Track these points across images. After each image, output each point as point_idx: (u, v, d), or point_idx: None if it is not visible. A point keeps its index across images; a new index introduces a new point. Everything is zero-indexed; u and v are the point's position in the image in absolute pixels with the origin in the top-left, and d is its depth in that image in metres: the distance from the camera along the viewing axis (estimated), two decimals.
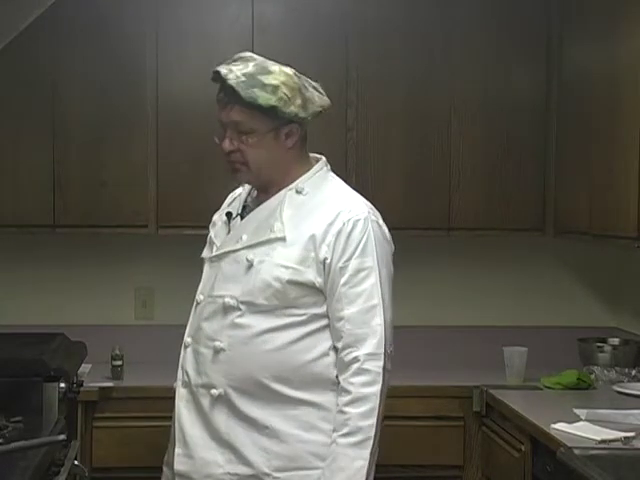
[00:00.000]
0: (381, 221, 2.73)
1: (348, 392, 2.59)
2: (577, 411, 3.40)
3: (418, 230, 4.33)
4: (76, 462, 3.06)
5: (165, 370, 4.10)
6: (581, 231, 4.11)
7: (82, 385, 3.66)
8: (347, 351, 2.61)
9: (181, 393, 2.74)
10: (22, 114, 4.22)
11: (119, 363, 4.15)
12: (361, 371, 2.59)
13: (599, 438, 3.06)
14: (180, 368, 2.77)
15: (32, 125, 4.22)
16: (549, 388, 4.01)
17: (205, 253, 2.84)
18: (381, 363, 2.60)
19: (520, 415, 3.56)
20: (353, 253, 2.62)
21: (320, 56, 4.24)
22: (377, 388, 2.59)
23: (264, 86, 2.59)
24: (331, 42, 4.27)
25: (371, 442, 2.58)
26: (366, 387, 2.58)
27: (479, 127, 4.33)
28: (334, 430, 2.60)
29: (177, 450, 2.72)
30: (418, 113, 4.31)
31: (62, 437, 2.70)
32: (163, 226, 4.28)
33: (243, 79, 2.60)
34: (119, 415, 4.00)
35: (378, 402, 2.59)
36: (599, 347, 4.30)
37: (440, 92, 4.31)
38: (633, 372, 4.08)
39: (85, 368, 3.95)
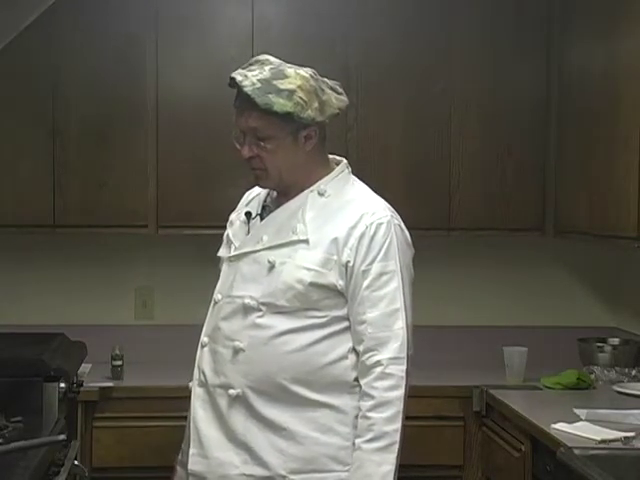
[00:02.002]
0: (403, 225, 2.74)
1: (371, 397, 2.58)
2: (577, 411, 3.40)
3: (418, 230, 4.30)
4: (76, 462, 3.06)
5: (165, 370, 4.13)
6: (581, 231, 4.11)
7: (82, 385, 3.66)
8: (369, 355, 2.60)
9: (197, 393, 2.72)
10: (22, 114, 4.22)
11: (119, 363, 4.15)
12: (384, 375, 2.58)
13: (599, 438, 3.05)
14: (196, 367, 2.75)
15: (32, 125, 4.22)
16: (549, 388, 4.01)
17: (222, 252, 2.82)
18: (404, 367, 2.60)
19: (520, 415, 3.55)
20: (376, 256, 2.62)
21: (320, 56, 4.22)
22: (401, 392, 2.59)
23: (280, 91, 2.58)
24: (331, 42, 4.27)
25: (397, 446, 2.58)
26: (390, 391, 2.58)
27: (479, 127, 4.33)
28: (357, 436, 2.60)
29: (192, 450, 2.70)
30: (418, 113, 4.31)
31: (62, 437, 2.70)
32: (163, 226, 4.28)
33: (258, 85, 2.58)
34: (119, 415, 4.00)
35: (402, 406, 2.59)
36: (599, 347, 4.30)
37: (440, 92, 4.30)
38: (633, 372, 4.08)
39: (85, 368, 3.95)
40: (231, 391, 2.64)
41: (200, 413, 2.70)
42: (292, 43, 4.23)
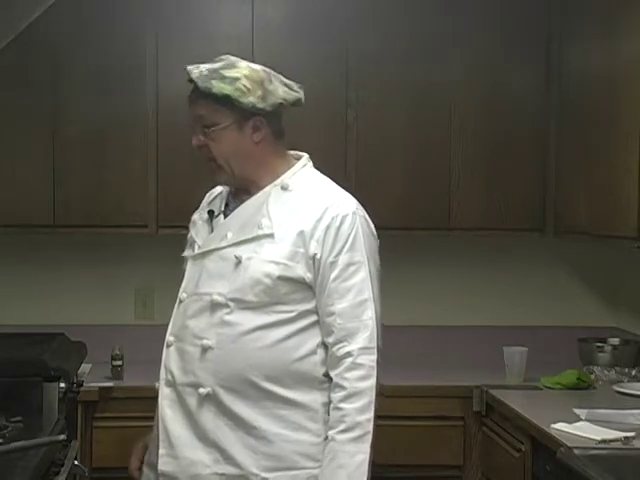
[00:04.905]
0: (367, 216, 2.73)
1: (343, 388, 2.59)
2: (577, 411, 3.40)
3: (418, 230, 4.33)
4: (76, 462, 3.06)
5: None
6: (581, 231, 4.11)
7: (82, 385, 3.66)
8: (339, 346, 2.61)
9: (165, 393, 2.71)
10: (22, 114, 4.22)
11: (119, 363, 4.15)
12: (355, 366, 2.59)
13: (599, 438, 3.05)
14: (163, 367, 2.75)
15: (32, 125, 4.22)
16: (549, 388, 4.01)
17: (186, 252, 2.83)
18: (374, 357, 2.61)
19: (520, 415, 3.55)
20: (342, 248, 2.62)
21: (320, 56, 4.24)
22: (372, 382, 2.59)
23: (223, 78, 2.61)
24: (331, 42, 4.26)
25: (370, 436, 2.58)
26: (361, 381, 2.59)
27: (479, 127, 4.33)
28: (329, 427, 2.60)
29: (161, 450, 2.69)
30: (418, 113, 4.31)
31: (62, 437, 2.70)
32: (163, 226, 4.28)
33: (205, 73, 2.62)
34: (119, 415, 4.00)
35: (374, 396, 2.60)
36: (599, 347, 4.30)
37: (440, 92, 4.30)
38: (633, 372, 4.09)
39: (85, 368, 3.95)
40: (201, 390, 2.63)
41: (168, 413, 2.69)
42: (292, 42, 4.24)
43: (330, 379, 2.63)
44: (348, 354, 2.59)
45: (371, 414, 2.58)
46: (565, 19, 4.28)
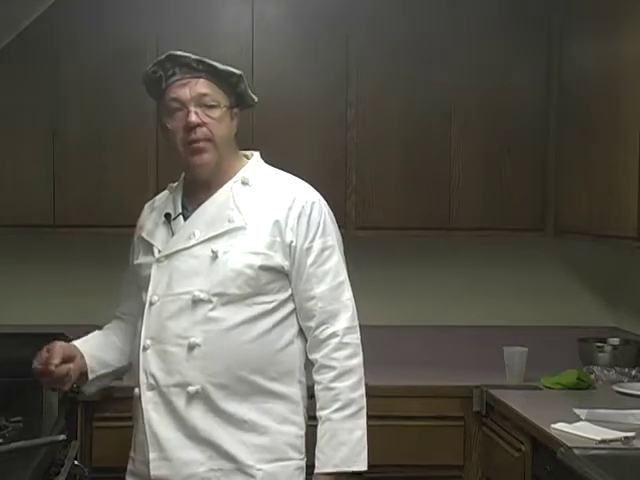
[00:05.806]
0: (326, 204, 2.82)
1: (332, 368, 2.64)
2: (577, 411, 3.40)
3: (418, 230, 4.33)
4: (76, 462, 3.06)
5: None
6: (581, 231, 4.11)
7: None
8: (322, 328, 2.66)
9: (148, 397, 2.72)
10: (22, 114, 4.22)
11: None
12: (342, 345, 2.65)
13: (599, 438, 3.05)
14: (142, 372, 2.73)
15: (32, 125, 4.22)
16: (549, 388, 4.01)
17: (144, 259, 2.83)
18: (358, 335, 2.69)
19: (520, 415, 3.55)
20: (315, 234, 2.69)
21: (320, 56, 4.24)
22: (360, 359, 2.67)
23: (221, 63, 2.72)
24: (331, 42, 4.26)
25: (364, 412, 2.65)
26: (350, 360, 2.65)
27: (479, 127, 4.33)
28: (321, 408, 2.65)
29: (152, 455, 2.69)
30: (418, 113, 4.31)
31: (62, 437, 2.71)
32: None
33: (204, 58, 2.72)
34: (119, 415, 3.98)
35: (362, 373, 2.67)
36: (599, 347, 4.30)
37: (440, 92, 4.30)
38: (633, 372, 4.09)
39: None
40: (190, 388, 2.64)
41: (154, 416, 2.70)
42: (292, 43, 4.24)
43: (306, 374, 2.69)
44: (333, 335, 2.65)
45: (363, 390, 2.66)
46: (565, 19, 4.28)
